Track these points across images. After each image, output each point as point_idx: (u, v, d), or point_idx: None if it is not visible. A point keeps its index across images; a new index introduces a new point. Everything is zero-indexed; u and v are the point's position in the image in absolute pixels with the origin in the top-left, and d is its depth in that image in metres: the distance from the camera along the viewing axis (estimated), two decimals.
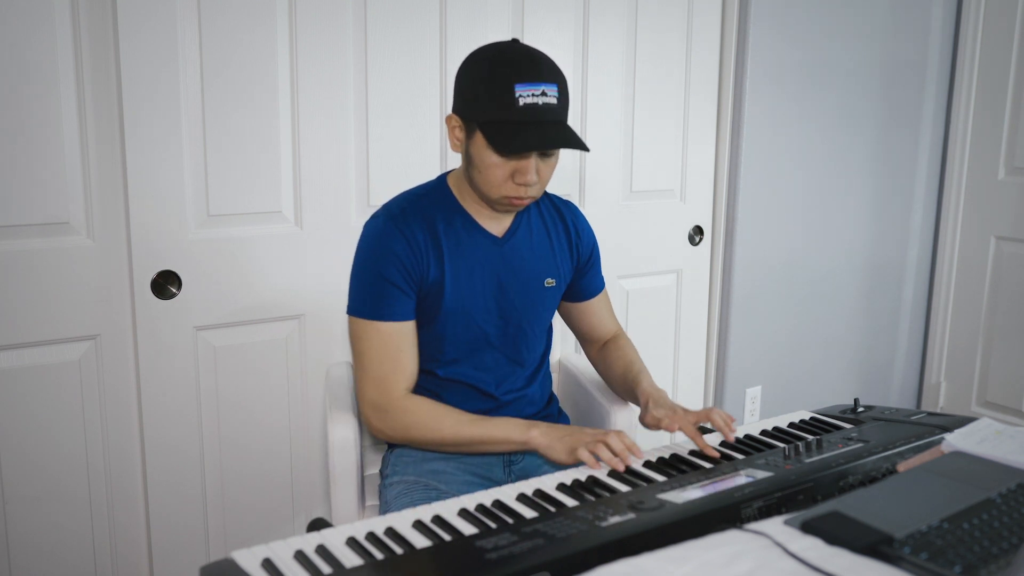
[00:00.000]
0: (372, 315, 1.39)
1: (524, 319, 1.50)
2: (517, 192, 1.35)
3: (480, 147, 1.34)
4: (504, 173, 1.34)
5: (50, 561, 1.73)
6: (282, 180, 1.82)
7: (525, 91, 1.29)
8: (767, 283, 2.63)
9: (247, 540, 1.88)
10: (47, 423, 1.69)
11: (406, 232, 1.39)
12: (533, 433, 1.33)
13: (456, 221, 1.44)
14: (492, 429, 1.36)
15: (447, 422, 1.38)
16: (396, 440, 1.42)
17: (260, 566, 0.93)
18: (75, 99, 1.62)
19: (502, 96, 1.29)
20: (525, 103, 1.29)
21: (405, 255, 1.38)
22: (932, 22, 2.84)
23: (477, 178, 1.37)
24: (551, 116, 1.32)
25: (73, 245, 1.66)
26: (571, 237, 1.57)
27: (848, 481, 1.18)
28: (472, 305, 1.45)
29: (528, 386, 1.55)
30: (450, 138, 1.40)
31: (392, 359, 1.39)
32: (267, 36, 1.75)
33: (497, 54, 1.34)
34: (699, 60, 2.39)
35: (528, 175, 1.33)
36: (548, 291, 1.53)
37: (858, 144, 2.75)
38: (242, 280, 1.81)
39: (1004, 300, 2.88)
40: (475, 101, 1.33)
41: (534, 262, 1.51)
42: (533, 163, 1.33)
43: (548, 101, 1.32)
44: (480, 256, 1.45)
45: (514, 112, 1.29)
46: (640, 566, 0.83)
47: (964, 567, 0.83)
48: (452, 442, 1.38)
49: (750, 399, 2.67)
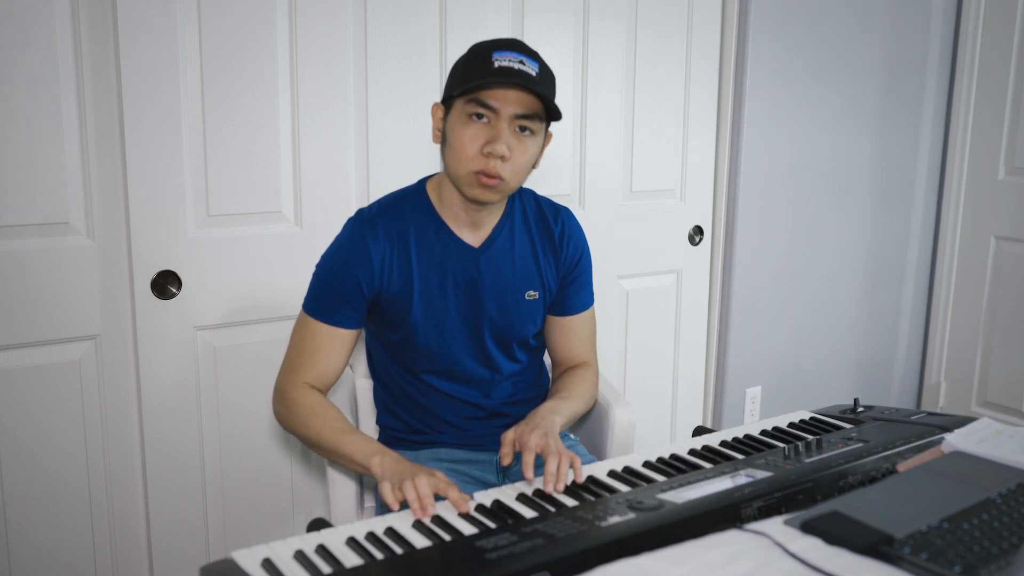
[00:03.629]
0: (311, 312, 1.40)
1: (503, 332, 1.46)
2: (486, 165, 1.29)
3: (455, 121, 1.32)
4: (475, 145, 1.30)
5: (50, 561, 1.73)
6: (282, 180, 1.82)
7: (502, 56, 1.29)
8: (767, 283, 2.63)
9: (247, 540, 1.88)
10: (47, 423, 1.69)
11: (371, 241, 1.37)
12: (374, 460, 1.23)
13: (430, 228, 1.41)
14: (346, 445, 1.28)
15: (315, 424, 1.33)
16: (286, 427, 1.41)
17: (260, 566, 0.93)
18: (75, 99, 1.62)
19: (479, 61, 1.29)
20: (500, 65, 1.28)
21: (362, 269, 1.37)
22: (932, 21, 2.84)
23: (450, 157, 1.34)
24: (528, 81, 1.28)
25: (73, 245, 1.66)
26: (558, 244, 1.50)
27: (848, 481, 1.18)
28: (443, 316, 1.42)
29: (517, 393, 1.53)
30: (433, 131, 1.39)
31: (308, 354, 1.39)
32: (267, 36, 1.75)
33: (478, 43, 1.36)
34: (699, 60, 2.39)
35: (498, 143, 1.28)
36: (530, 303, 1.47)
37: (858, 143, 2.75)
38: (242, 280, 1.81)
39: (1004, 300, 2.88)
40: (453, 78, 1.34)
41: (514, 274, 1.45)
42: (505, 132, 1.29)
43: (525, 69, 1.29)
44: (453, 266, 1.41)
45: (489, 73, 1.27)
46: (640, 566, 0.83)
47: (964, 567, 0.83)
48: (316, 445, 1.35)
49: (750, 399, 2.67)
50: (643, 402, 2.49)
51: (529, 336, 1.51)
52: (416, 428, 1.50)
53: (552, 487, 1.16)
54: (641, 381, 2.49)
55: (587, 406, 1.51)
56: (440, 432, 1.49)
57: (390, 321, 1.42)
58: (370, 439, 1.30)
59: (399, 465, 1.20)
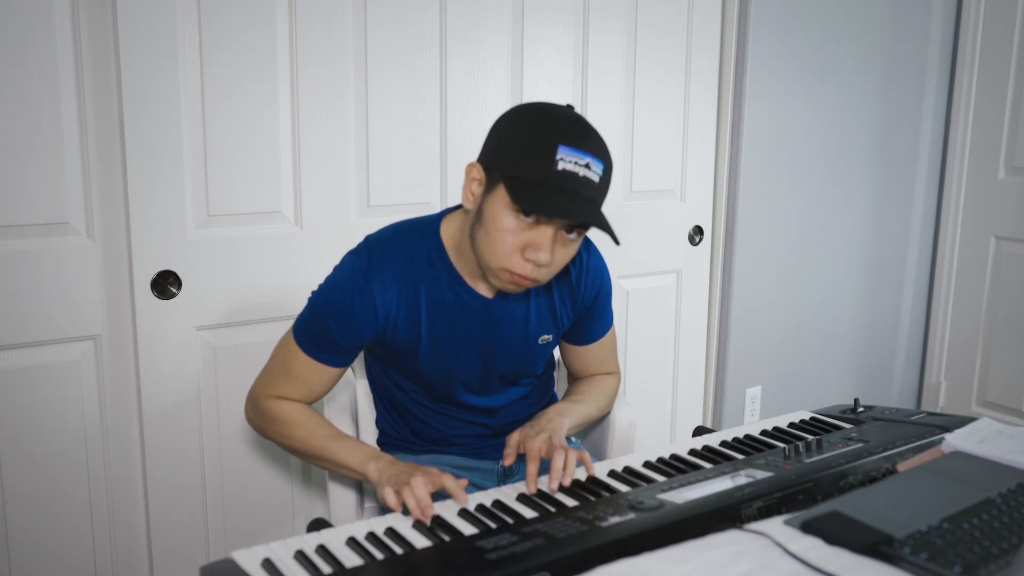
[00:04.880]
0: (300, 342, 1.32)
1: (512, 373, 1.41)
2: (523, 269, 1.16)
3: (497, 204, 1.15)
4: (515, 243, 1.15)
5: (50, 561, 1.73)
6: (282, 180, 1.82)
7: (568, 156, 1.12)
8: (767, 283, 2.63)
9: (247, 540, 1.88)
10: (47, 423, 1.69)
11: (378, 291, 1.27)
12: (370, 466, 1.20)
13: (442, 280, 1.30)
14: (338, 452, 1.25)
15: (299, 434, 1.30)
16: (264, 436, 1.38)
17: (260, 566, 0.93)
18: (75, 99, 1.62)
19: (541, 153, 1.12)
20: (564, 168, 1.12)
21: (364, 318, 1.27)
22: (932, 22, 2.84)
23: (482, 241, 1.18)
24: (589, 192, 1.14)
25: (73, 245, 1.66)
26: (575, 286, 1.40)
27: (848, 481, 1.18)
28: (451, 362, 1.35)
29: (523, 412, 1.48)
30: (464, 191, 1.21)
31: (291, 378, 1.33)
32: (267, 36, 1.75)
33: (545, 111, 1.18)
34: (699, 59, 2.39)
35: (542, 252, 1.14)
36: (543, 347, 1.41)
37: (858, 143, 2.75)
38: (242, 280, 1.81)
39: (1004, 300, 2.88)
40: (506, 152, 1.16)
41: (528, 322, 1.37)
42: (551, 238, 1.15)
43: (589, 176, 1.13)
44: (465, 319, 1.32)
45: (549, 174, 1.12)
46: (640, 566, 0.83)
47: (964, 567, 0.83)
48: (303, 453, 1.32)
49: (750, 399, 2.67)
50: (643, 402, 2.49)
51: (539, 370, 1.48)
52: (416, 440, 1.48)
53: (558, 483, 1.15)
54: (641, 381, 2.49)
55: (601, 412, 1.47)
56: (440, 445, 1.48)
57: (392, 360, 1.38)
58: (363, 444, 1.28)
59: (395, 467, 1.18)
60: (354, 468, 1.24)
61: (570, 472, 1.15)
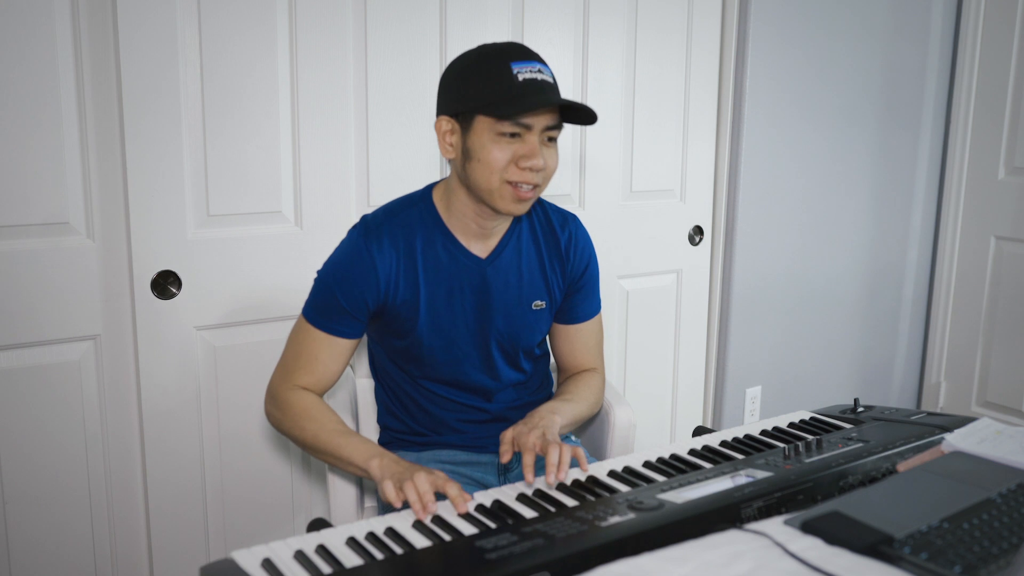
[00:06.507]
0: (311, 319, 1.38)
1: (509, 343, 1.45)
2: (523, 176, 1.27)
3: (480, 136, 1.27)
4: (507, 157, 1.26)
5: (50, 561, 1.73)
6: (282, 180, 1.82)
7: (523, 68, 1.25)
8: (767, 283, 2.63)
9: (247, 540, 1.88)
10: (47, 423, 1.69)
11: (377, 254, 1.34)
12: (373, 463, 1.22)
13: (437, 240, 1.38)
14: (343, 447, 1.28)
15: (311, 427, 1.33)
16: (280, 430, 1.41)
17: (260, 566, 0.93)
18: (75, 99, 1.62)
19: (500, 75, 1.24)
20: (524, 77, 1.25)
21: (367, 282, 1.34)
22: (932, 23, 2.84)
23: (477, 171, 1.28)
24: (552, 91, 1.27)
25: (73, 245, 1.66)
26: (564, 253, 1.48)
27: (848, 481, 1.18)
28: (451, 327, 1.40)
29: (521, 398, 1.52)
30: (441, 145, 1.32)
31: (305, 360, 1.38)
32: (267, 36, 1.75)
33: (483, 46, 1.31)
34: (699, 60, 2.39)
35: (535, 158, 1.26)
36: (537, 314, 1.46)
37: (858, 144, 2.75)
38: (242, 280, 1.81)
39: (1004, 300, 2.88)
40: (470, 90, 1.27)
41: (521, 285, 1.44)
42: (538, 142, 1.27)
43: (546, 79, 1.27)
44: (461, 278, 1.39)
45: (515, 87, 1.24)
46: (640, 566, 0.83)
47: (964, 567, 0.84)
48: (312, 448, 1.34)
49: (750, 399, 2.67)
50: (643, 402, 2.50)
51: (534, 345, 1.50)
52: (417, 430, 1.50)
53: (554, 478, 1.16)
54: (641, 381, 2.49)
55: (591, 411, 1.50)
56: (441, 434, 1.49)
57: (395, 330, 1.41)
58: (368, 441, 1.29)
59: (398, 465, 1.19)
60: (358, 464, 1.25)
61: (564, 466, 1.17)
